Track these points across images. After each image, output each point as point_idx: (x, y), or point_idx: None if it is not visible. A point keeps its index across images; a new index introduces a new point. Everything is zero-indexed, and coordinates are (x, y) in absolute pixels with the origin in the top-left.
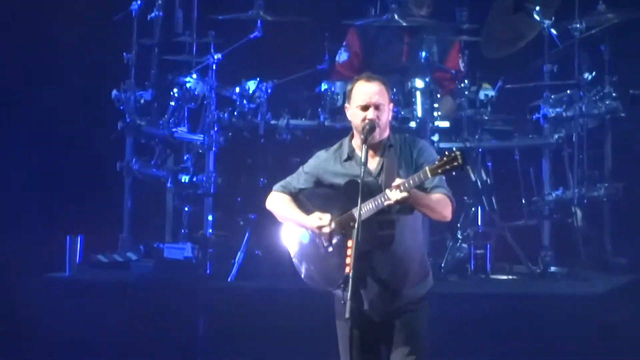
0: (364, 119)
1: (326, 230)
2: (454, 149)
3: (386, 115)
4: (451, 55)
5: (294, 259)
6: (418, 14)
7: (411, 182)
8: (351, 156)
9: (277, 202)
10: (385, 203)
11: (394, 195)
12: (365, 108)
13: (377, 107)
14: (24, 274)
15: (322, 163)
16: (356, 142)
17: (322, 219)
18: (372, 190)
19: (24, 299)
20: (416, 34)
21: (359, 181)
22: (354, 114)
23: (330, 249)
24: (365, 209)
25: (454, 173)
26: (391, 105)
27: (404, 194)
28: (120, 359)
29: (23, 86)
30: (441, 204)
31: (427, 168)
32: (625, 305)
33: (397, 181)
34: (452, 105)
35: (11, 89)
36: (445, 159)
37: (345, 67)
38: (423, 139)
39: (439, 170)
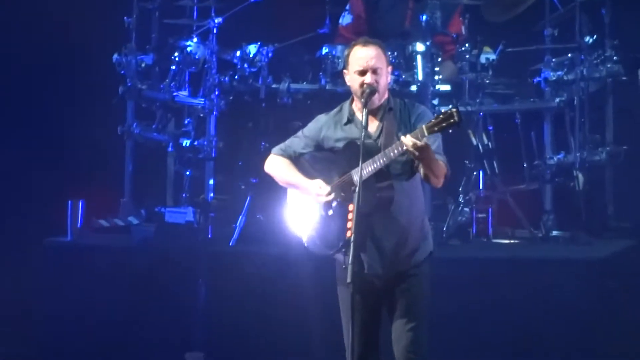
0: (362, 84)
1: (324, 199)
2: (450, 106)
3: (385, 78)
4: (454, 19)
5: (295, 224)
6: None
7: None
8: (351, 119)
9: (277, 165)
10: (401, 149)
11: (409, 140)
12: (362, 73)
13: (374, 71)
14: (26, 238)
15: (323, 126)
16: (356, 105)
17: (321, 188)
18: (371, 152)
19: (26, 263)
20: (421, 1)
21: (359, 143)
22: (353, 79)
23: (331, 212)
24: (365, 170)
25: (450, 130)
26: (390, 68)
27: (419, 142)
28: (122, 323)
29: (23, 49)
30: (440, 168)
31: (423, 126)
32: (628, 269)
33: (408, 137)
34: (453, 70)
35: (12, 53)
36: (441, 116)
37: (349, 30)
38: (424, 102)
39: (435, 128)
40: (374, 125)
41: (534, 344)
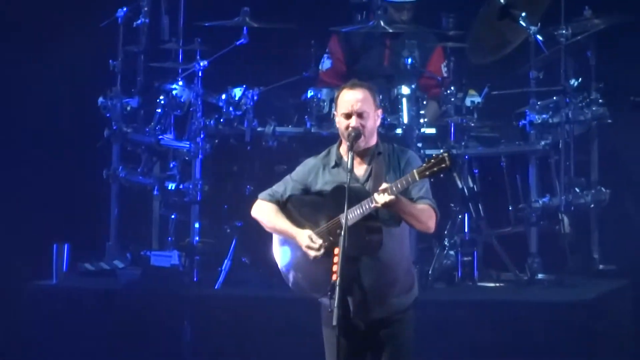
0: (347, 127)
1: (315, 254)
2: (442, 151)
3: (372, 122)
4: (432, 60)
5: (281, 267)
6: (399, 19)
7: (399, 185)
8: (339, 163)
9: (264, 211)
10: (373, 206)
11: (381, 198)
12: (348, 116)
13: (359, 115)
14: (10, 281)
15: (311, 170)
16: (344, 149)
17: (314, 243)
18: (359, 196)
19: (10, 306)
20: (397, 38)
21: (346, 187)
22: (340, 122)
23: (318, 256)
24: (352, 214)
25: (441, 175)
26: (379, 111)
27: (392, 197)
28: None
29: (9, 91)
30: (426, 214)
31: (414, 171)
32: (614, 312)
33: (384, 185)
34: (437, 111)
35: (4, 95)
36: (432, 160)
37: (329, 75)
38: (409, 145)
39: (427, 172)
40: (362, 169)
41: None
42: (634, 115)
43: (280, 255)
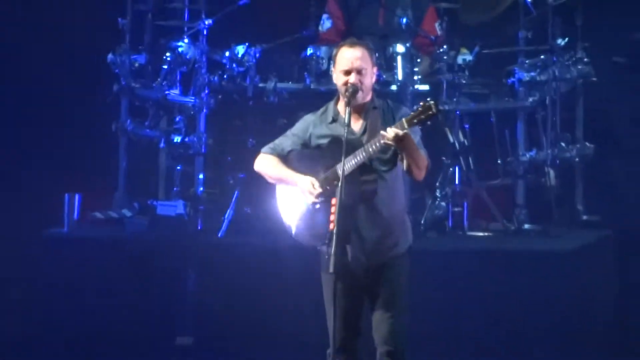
0: (346, 83)
1: (314, 198)
2: (428, 98)
3: (369, 79)
4: (426, 19)
5: (283, 217)
6: None
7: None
8: (336, 119)
9: (267, 163)
10: (382, 142)
11: (390, 131)
12: (347, 73)
13: (359, 72)
14: (25, 230)
15: (309, 125)
16: (341, 105)
17: (313, 186)
18: (355, 148)
19: (25, 253)
20: None
21: (343, 139)
22: (338, 78)
23: (318, 205)
24: (348, 164)
25: (429, 122)
26: (375, 69)
27: (405, 131)
28: (117, 309)
29: (23, 47)
30: (423, 160)
31: (403, 119)
32: (597, 261)
33: (389, 129)
34: (427, 66)
35: (8, 51)
36: (420, 109)
37: (330, 34)
38: (403, 101)
39: (415, 120)
40: (358, 124)
41: (507, 331)
42: (617, 73)
43: (284, 206)
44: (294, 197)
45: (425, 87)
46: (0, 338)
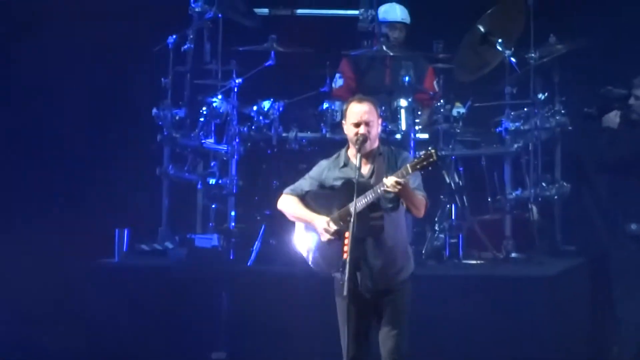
0: (356, 134)
1: (328, 237)
2: (429, 147)
3: (375, 129)
4: (427, 78)
5: (302, 249)
6: (392, 37)
7: (397, 176)
8: (347, 163)
9: (288, 202)
10: (383, 190)
11: (389, 181)
12: (357, 125)
13: (367, 124)
14: (81, 260)
15: (324, 169)
16: (351, 151)
17: (329, 227)
18: (365, 189)
19: (79, 280)
20: (396, 60)
21: (354, 182)
22: (349, 129)
23: (331, 238)
24: (359, 203)
25: (430, 168)
26: (380, 120)
27: (403, 180)
28: (160, 328)
29: (84, 105)
30: (421, 201)
31: (407, 164)
32: (573, 285)
33: (391, 177)
34: (427, 117)
35: (72, 108)
36: (422, 156)
37: (341, 91)
38: (406, 148)
39: (418, 166)
40: (366, 168)
41: (498, 344)
42: (588, 122)
43: (302, 240)
44: (311, 233)
45: (425, 136)
46: (57, 345)
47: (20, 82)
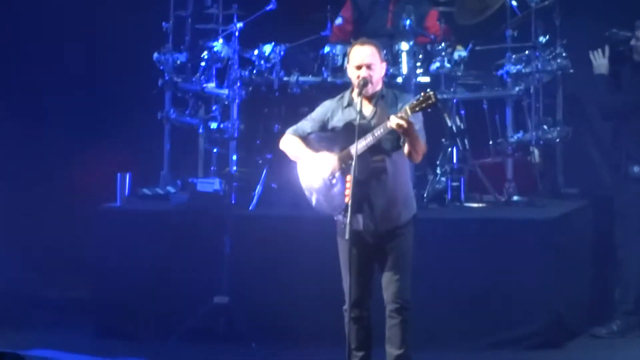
0: (358, 77)
1: (331, 169)
2: (428, 89)
3: (378, 72)
4: (427, 21)
5: (305, 191)
6: None
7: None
8: (350, 103)
9: (290, 142)
10: (388, 125)
11: (394, 120)
12: (359, 67)
13: (368, 67)
14: (83, 204)
15: (328, 110)
16: (355, 93)
17: (330, 160)
18: (365, 131)
19: (82, 224)
20: (398, 3)
21: (355, 124)
22: (351, 72)
23: (334, 181)
24: (360, 145)
25: (429, 110)
26: (383, 64)
27: (403, 121)
28: (162, 272)
29: (81, 52)
30: (420, 147)
31: (407, 107)
32: (576, 227)
33: (393, 117)
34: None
35: (72, 55)
36: (421, 98)
37: (339, 30)
38: (407, 91)
39: (417, 108)
40: (368, 110)
41: (499, 289)
42: (590, 65)
43: (305, 181)
44: (313, 174)
45: (427, 79)
46: (60, 292)
47: (18, 29)
